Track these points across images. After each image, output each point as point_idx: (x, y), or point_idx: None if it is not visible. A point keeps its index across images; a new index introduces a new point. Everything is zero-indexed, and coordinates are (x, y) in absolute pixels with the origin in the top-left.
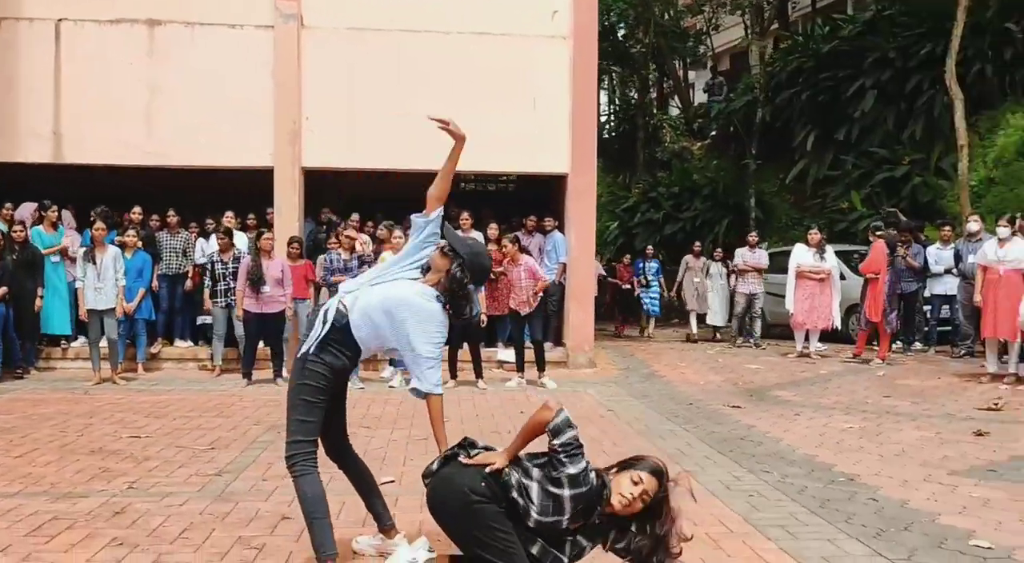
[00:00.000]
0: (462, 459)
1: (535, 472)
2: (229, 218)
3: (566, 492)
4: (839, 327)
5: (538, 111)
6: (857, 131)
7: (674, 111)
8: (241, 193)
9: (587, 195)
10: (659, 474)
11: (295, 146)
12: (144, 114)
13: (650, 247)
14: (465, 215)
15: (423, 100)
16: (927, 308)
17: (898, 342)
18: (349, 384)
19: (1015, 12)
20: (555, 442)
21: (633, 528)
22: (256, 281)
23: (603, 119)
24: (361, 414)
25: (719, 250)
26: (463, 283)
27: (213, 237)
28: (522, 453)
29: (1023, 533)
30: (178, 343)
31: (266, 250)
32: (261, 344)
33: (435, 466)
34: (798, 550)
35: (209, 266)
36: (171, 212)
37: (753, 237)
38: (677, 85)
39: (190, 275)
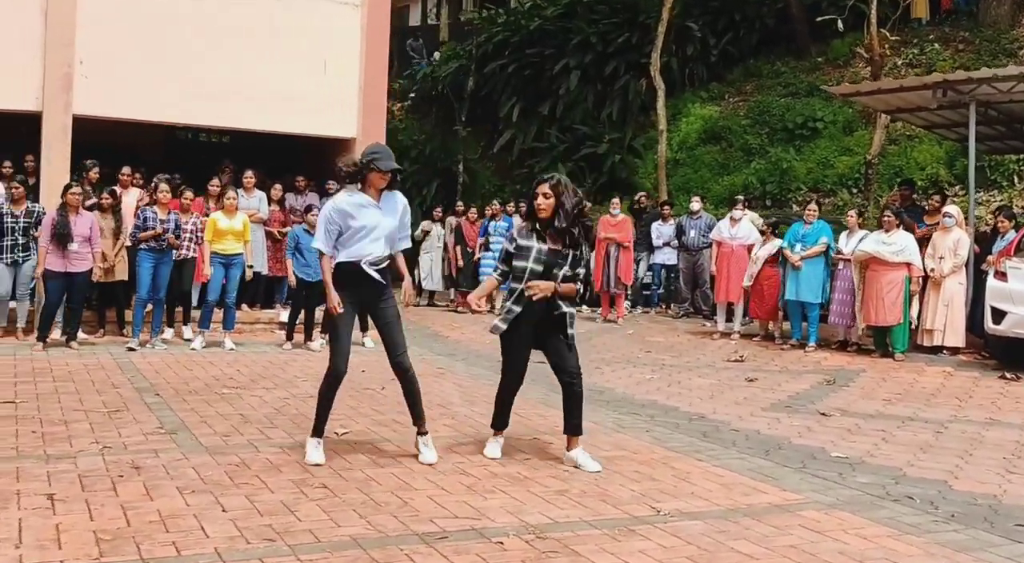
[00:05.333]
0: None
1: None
2: None
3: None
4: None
5: (328, 75)
6: (561, 107)
7: None
8: None
9: None
10: (545, 181)
11: (68, 91)
12: None
13: (496, 202)
14: (249, 174)
15: (206, 54)
16: (648, 274)
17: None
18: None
19: (696, 12)
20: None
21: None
22: (62, 238)
23: None
24: (210, 376)
25: (439, 210)
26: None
27: None
28: None
29: (855, 448)
30: None
31: (73, 205)
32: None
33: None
34: (729, 466)
35: None
36: None
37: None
38: None
39: None
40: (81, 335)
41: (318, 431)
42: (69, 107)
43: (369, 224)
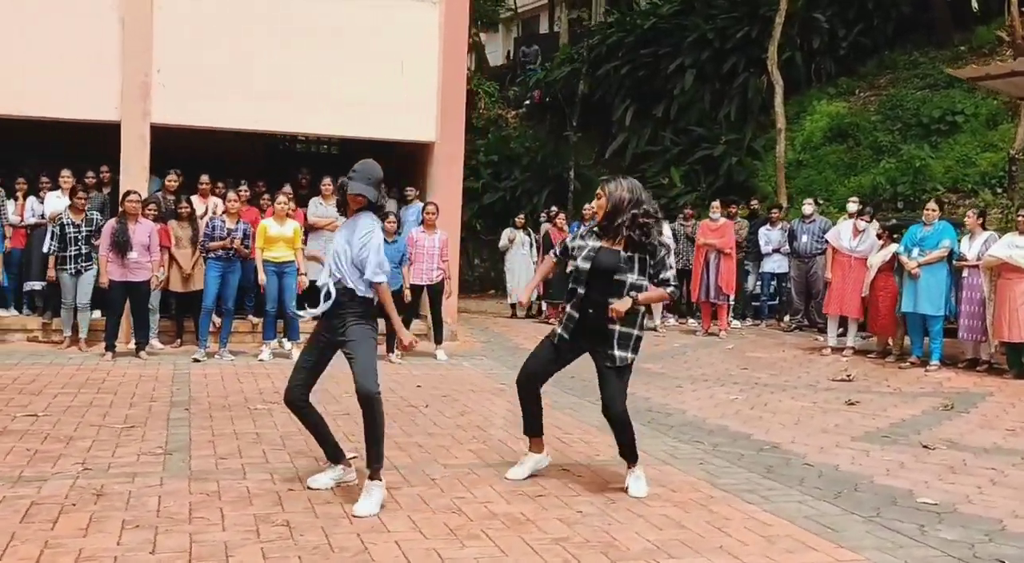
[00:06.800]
0: None
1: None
2: (66, 177)
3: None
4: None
5: (406, 76)
6: (675, 108)
7: None
8: (71, 147)
9: (455, 163)
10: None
11: (145, 100)
12: None
13: (588, 205)
14: (327, 181)
15: (285, 59)
16: (758, 284)
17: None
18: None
19: (823, 2)
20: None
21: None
22: (121, 246)
23: None
24: (256, 389)
25: (521, 216)
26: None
27: (50, 195)
28: None
29: (952, 491)
30: (0, 312)
31: (132, 213)
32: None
33: None
34: (781, 511)
35: (58, 228)
36: None
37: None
38: (477, 47)
39: (8, 236)
40: (158, 344)
41: (326, 455)
42: (147, 116)
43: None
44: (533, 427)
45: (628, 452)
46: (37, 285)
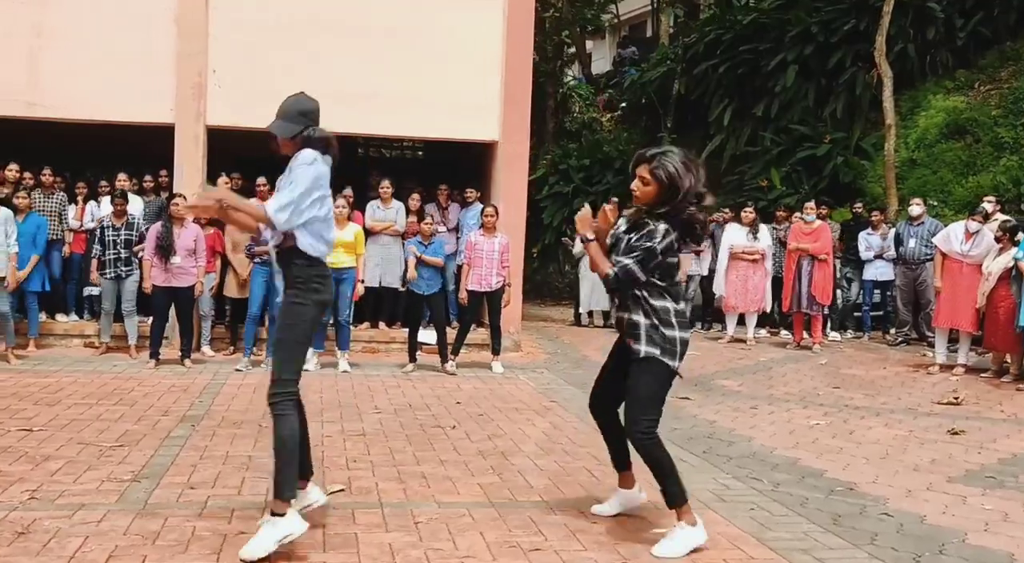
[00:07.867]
0: None
1: None
2: (123, 180)
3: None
4: (768, 310)
5: (468, 74)
6: (776, 107)
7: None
8: (132, 151)
9: (519, 164)
10: (645, 160)
11: (200, 101)
12: (27, 60)
13: None
14: (385, 184)
15: (342, 59)
16: (860, 293)
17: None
18: None
19: None
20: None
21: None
22: (165, 250)
23: None
24: None
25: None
26: None
27: (105, 200)
28: None
29: None
30: (60, 317)
31: (177, 216)
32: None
33: None
34: None
35: (99, 232)
36: (47, 170)
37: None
38: (580, 54)
39: (69, 241)
40: (209, 352)
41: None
42: (201, 117)
43: None
44: (615, 459)
45: (663, 490)
46: (96, 290)
